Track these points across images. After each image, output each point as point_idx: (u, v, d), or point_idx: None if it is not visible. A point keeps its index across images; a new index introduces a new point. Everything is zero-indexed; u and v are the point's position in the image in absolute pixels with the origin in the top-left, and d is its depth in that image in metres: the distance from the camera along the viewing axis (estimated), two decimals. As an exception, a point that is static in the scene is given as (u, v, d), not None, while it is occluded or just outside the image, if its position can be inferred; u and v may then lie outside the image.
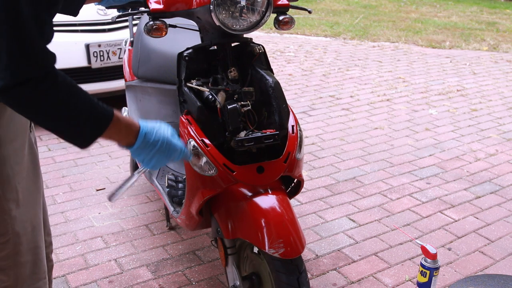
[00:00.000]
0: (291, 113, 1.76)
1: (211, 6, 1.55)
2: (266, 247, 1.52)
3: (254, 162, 1.62)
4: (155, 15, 1.69)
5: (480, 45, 7.02)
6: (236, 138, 1.58)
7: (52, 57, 1.08)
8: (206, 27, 1.72)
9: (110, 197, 1.35)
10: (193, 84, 1.71)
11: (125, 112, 2.97)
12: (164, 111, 2.59)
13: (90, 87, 3.83)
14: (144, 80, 2.63)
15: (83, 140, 1.13)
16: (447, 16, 9.29)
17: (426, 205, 2.90)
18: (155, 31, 1.68)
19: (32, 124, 1.39)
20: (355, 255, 2.44)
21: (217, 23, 1.59)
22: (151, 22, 1.68)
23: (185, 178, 1.96)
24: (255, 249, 1.77)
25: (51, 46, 1.10)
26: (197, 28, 1.88)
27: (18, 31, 1.01)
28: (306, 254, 2.42)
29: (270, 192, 1.64)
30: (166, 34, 1.70)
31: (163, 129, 1.24)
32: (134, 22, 3.51)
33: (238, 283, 1.76)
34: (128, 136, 1.17)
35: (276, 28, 1.83)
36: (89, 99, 1.10)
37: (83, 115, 1.09)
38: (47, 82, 1.06)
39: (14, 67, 1.01)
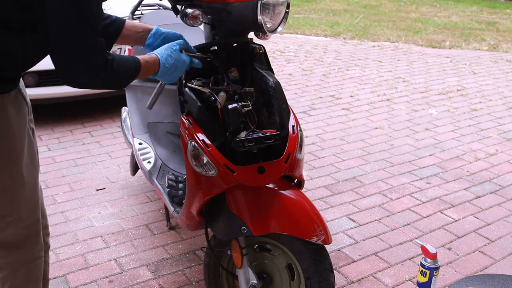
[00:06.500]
0: (291, 113, 1.76)
1: (260, 2, 1.56)
2: (309, 236, 1.60)
3: (254, 163, 1.62)
4: (192, 1, 1.65)
5: (480, 45, 7.02)
6: (236, 139, 1.58)
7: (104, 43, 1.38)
8: (225, 24, 1.68)
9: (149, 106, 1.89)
10: (194, 84, 1.71)
11: (125, 112, 2.97)
12: (164, 111, 2.59)
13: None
14: (144, 80, 2.63)
15: (130, 81, 1.54)
16: (447, 16, 9.29)
17: (426, 205, 2.91)
18: (192, 18, 1.64)
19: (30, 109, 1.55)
20: (355, 255, 2.44)
21: (260, 21, 1.59)
22: (191, 10, 1.63)
23: (185, 178, 1.96)
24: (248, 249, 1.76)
25: None
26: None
27: (95, 30, 1.32)
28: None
29: (289, 188, 1.69)
30: (200, 24, 1.67)
31: (172, 52, 1.61)
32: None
33: (256, 282, 1.74)
34: (154, 70, 1.57)
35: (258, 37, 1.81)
36: (126, 60, 1.48)
37: (129, 72, 1.50)
38: (111, 63, 1.39)
39: (96, 60, 1.34)
